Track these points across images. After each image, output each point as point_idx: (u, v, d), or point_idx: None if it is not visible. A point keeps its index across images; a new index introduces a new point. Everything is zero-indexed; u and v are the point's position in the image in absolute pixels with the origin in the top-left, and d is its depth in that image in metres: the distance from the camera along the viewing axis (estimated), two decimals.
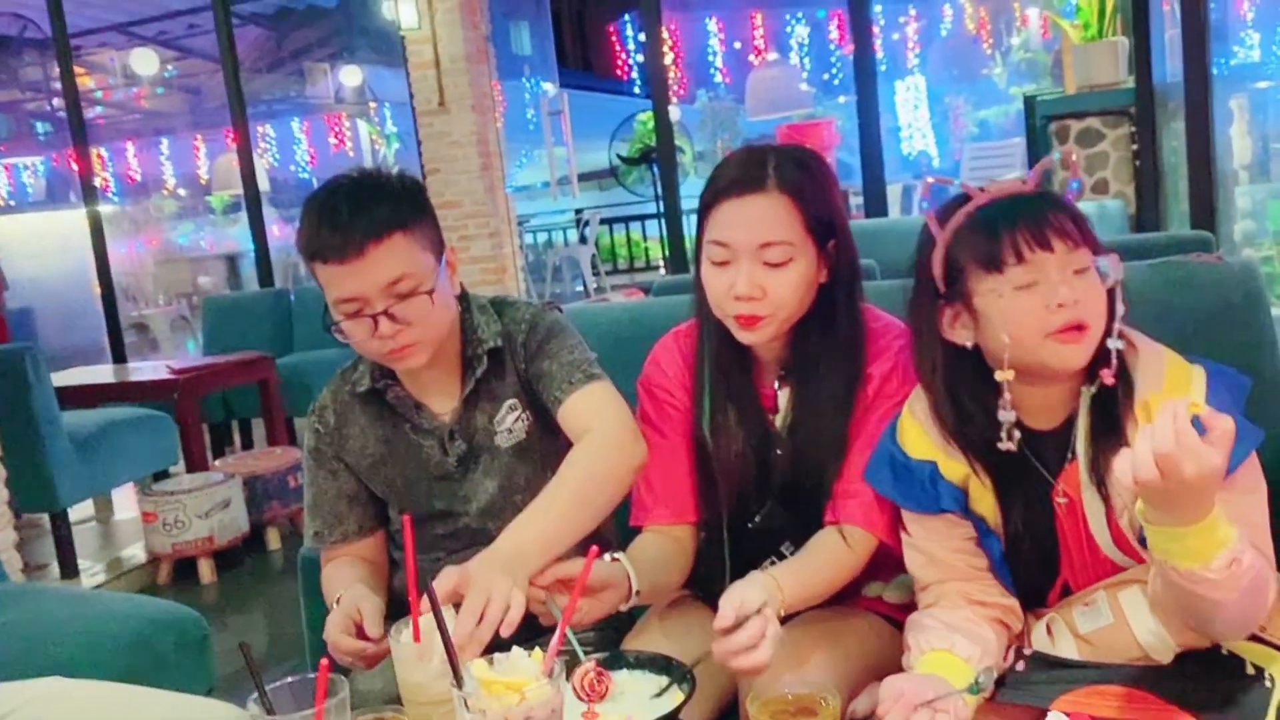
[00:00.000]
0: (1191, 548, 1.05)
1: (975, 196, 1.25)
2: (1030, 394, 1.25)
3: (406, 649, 1.17)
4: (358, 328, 1.45)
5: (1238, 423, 1.15)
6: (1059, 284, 1.18)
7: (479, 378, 1.55)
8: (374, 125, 14.28)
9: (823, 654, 1.37)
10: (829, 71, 12.90)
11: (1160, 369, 1.23)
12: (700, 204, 1.46)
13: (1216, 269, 1.72)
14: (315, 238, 1.43)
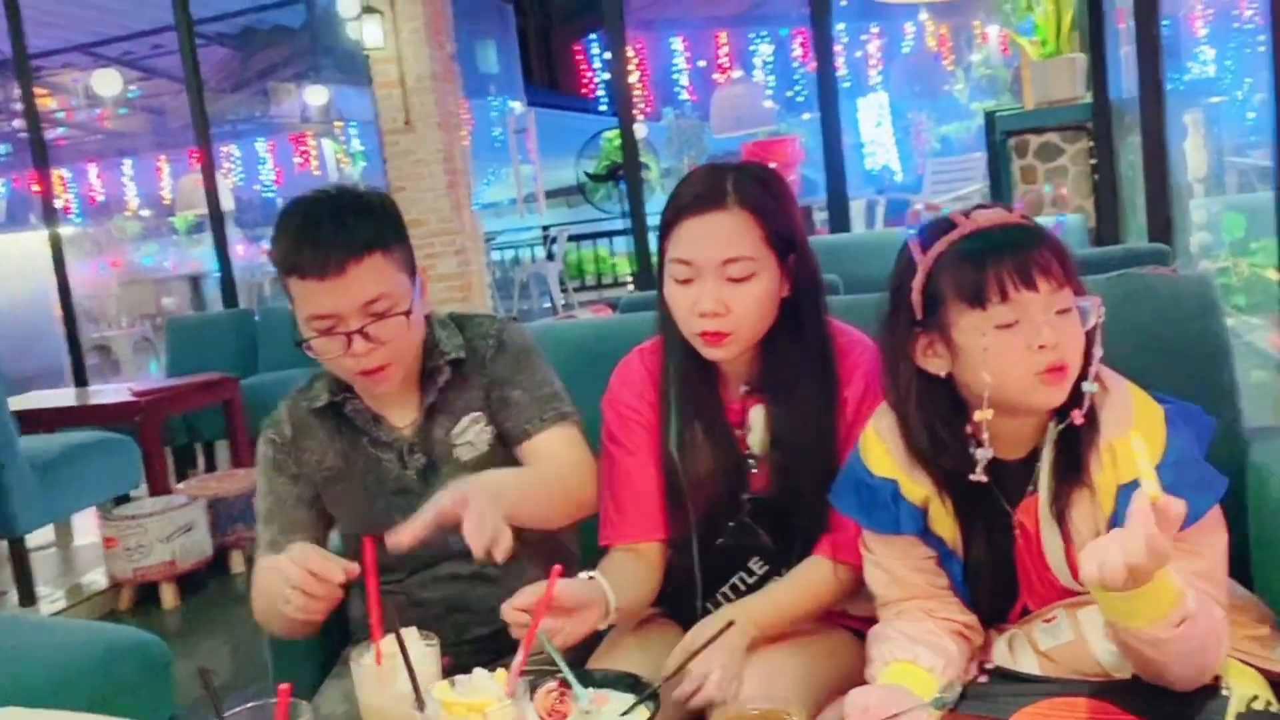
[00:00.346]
0: (1141, 609, 1.07)
1: (961, 224, 1.22)
2: (1000, 424, 1.24)
3: (368, 672, 1.15)
4: (330, 345, 1.44)
5: (1202, 469, 1.19)
6: (1042, 325, 1.16)
7: (440, 389, 1.55)
8: (340, 144, 14.22)
9: (788, 668, 1.37)
10: (793, 89, 13.02)
11: (1128, 411, 1.22)
12: (661, 222, 1.46)
13: (1172, 281, 1.75)
14: (294, 253, 1.41)
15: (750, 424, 1.50)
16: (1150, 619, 1.07)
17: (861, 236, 5.78)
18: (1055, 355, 1.16)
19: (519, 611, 1.23)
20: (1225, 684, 1.19)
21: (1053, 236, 1.21)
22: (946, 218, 1.25)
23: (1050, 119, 4.66)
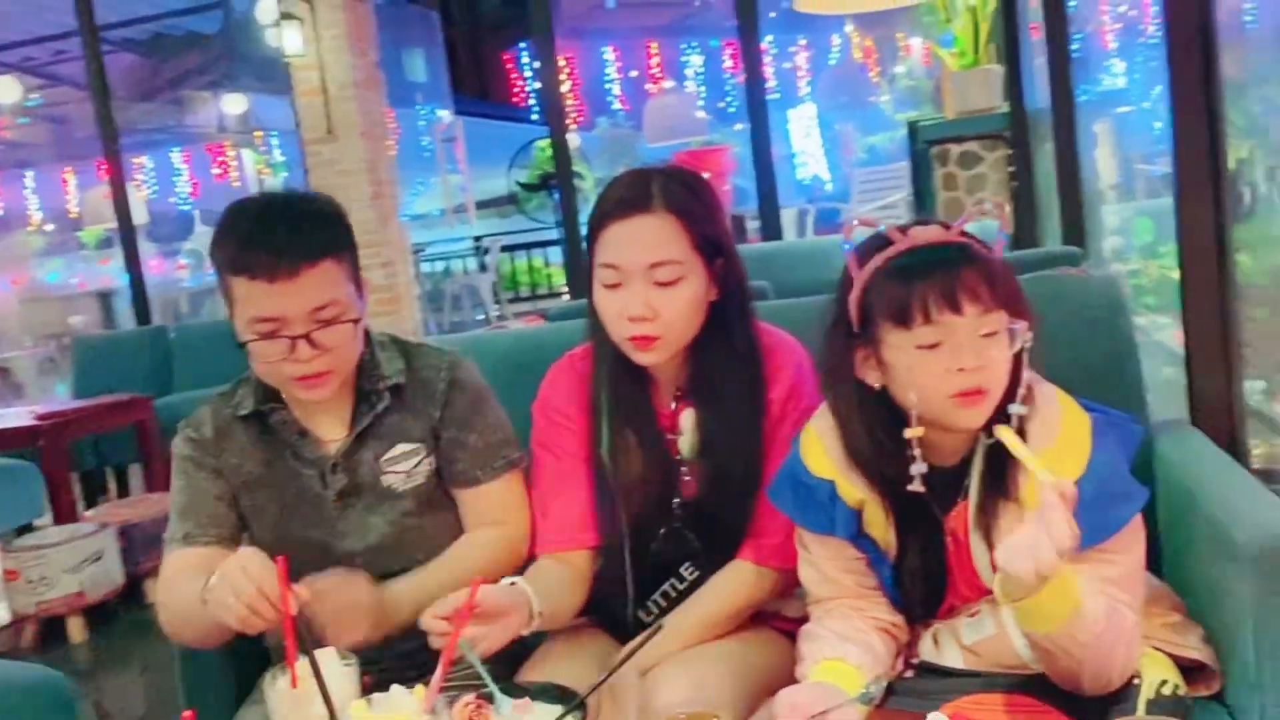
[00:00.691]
0: (1049, 609, 1.10)
1: (896, 241, 1.23)
2: (936, 434, 1.26)
3: (283, 695, 1.13)
4: (271, 349, 1.41)
5: (1124, 481, 1.23)
6: (964, 348, 1.17)
7: (377, 413, 1.52)
8: (260, 154, 13.95)
9: (719, 671, 1.38)
10: (724, 99, 13.14)
11: (1055, 422, 1.24)
12: (588, 227, 1.47)
13: (1082, 282, 1.80)
14: (243, 253, 1.39)
15: (681, 428, 1.51)
16: (1061, 617, 1.10)
17: (793, 244, 5.86)
18: (974, 379, 1.18)
19: (439, 620, 1.22)
20: (1138, 673, 1.23)
21: (988, 258, 1.21)
22: (884, 234, 1.25)
23: (970, 128, 4.76)
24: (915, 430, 1.22)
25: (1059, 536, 1.04)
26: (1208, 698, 1.35)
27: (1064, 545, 1.04)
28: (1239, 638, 1.29)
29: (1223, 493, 1.41)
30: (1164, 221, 4.10)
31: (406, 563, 1.53)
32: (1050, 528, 1.05)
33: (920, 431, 1.23)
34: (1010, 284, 1.23)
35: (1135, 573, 1.25)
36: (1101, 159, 4.39)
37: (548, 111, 5.88)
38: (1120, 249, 4.29)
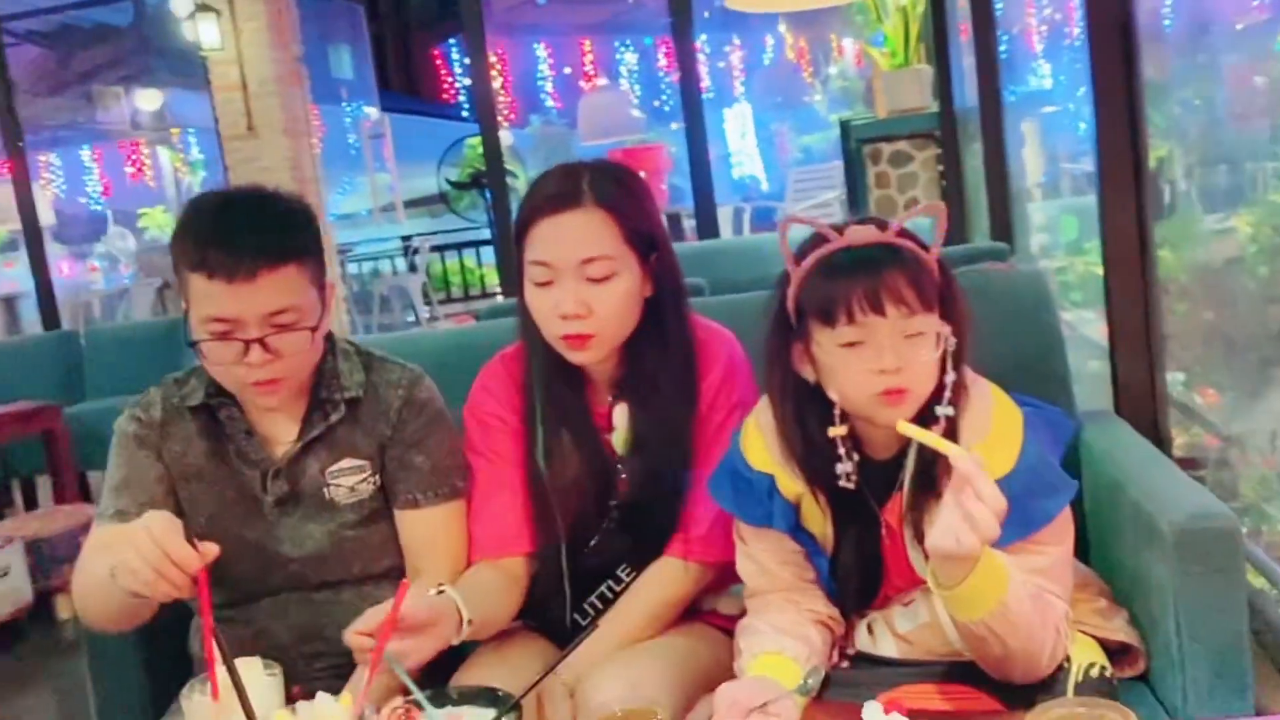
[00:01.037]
0: (980, 593, 1.12)
1: (831, 240, 1.24)
2: (868, 428, 1.28)
3: (202, 708, 1.09)
4: (224, 350, 1.36)
5: (1054, 473, 1.25)
6: (886, 349, 1.18)
7: (329, 424, 1.48)
8: (176, 152, 13.58)
9: (657, 668, 1.37)
10: (659, 98, 13.16)
11: (987, 418, 1.26)
12: (516, 225, 1.44)
13: (1008, 277, 1.84)
14: (204, 249, 1.33)
15: (615, 425, 1.49)
16: (990, 599, 1.12)
17: (729, 242, 5.87)
18: (896, 380, 1.19)
19: (362, 636, 1.18)
20: (1066, 658, 1.26)
21: (916, 259, 1.22)
22: (819, 232, 1.27)
23: (901, 127, 4.83)
24: (839, 429, 1.24)
25: (991, 496, 1.07)
26: (1133, 678, 1.39)
27: (999, 506, 1.07)
28: (1162, 620, 1.33)
29: (1146, 480, 1.44)
30: (1088, 219, 4.19)
31: (343, 573, 1.49)
32: (980, 492, 1.07)
33: (843, 430, 1.24)
34: (943, 284, 1.24)
35: (1063, 563, 1.27)
36: (1028, 157, 4.48)
37: (479, 108, 5.82)
38: (1047, 246, 4.38)
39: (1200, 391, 3.32)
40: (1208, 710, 1.28)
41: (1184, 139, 3.83)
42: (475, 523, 1.51)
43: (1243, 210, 3.68)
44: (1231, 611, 1.28)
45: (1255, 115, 3.79)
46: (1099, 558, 1.55)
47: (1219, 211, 3.82)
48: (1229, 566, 1.28)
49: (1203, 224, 3.80)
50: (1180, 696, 1.31)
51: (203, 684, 1.11)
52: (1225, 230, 3.73)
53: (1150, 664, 1.38)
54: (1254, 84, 3.83)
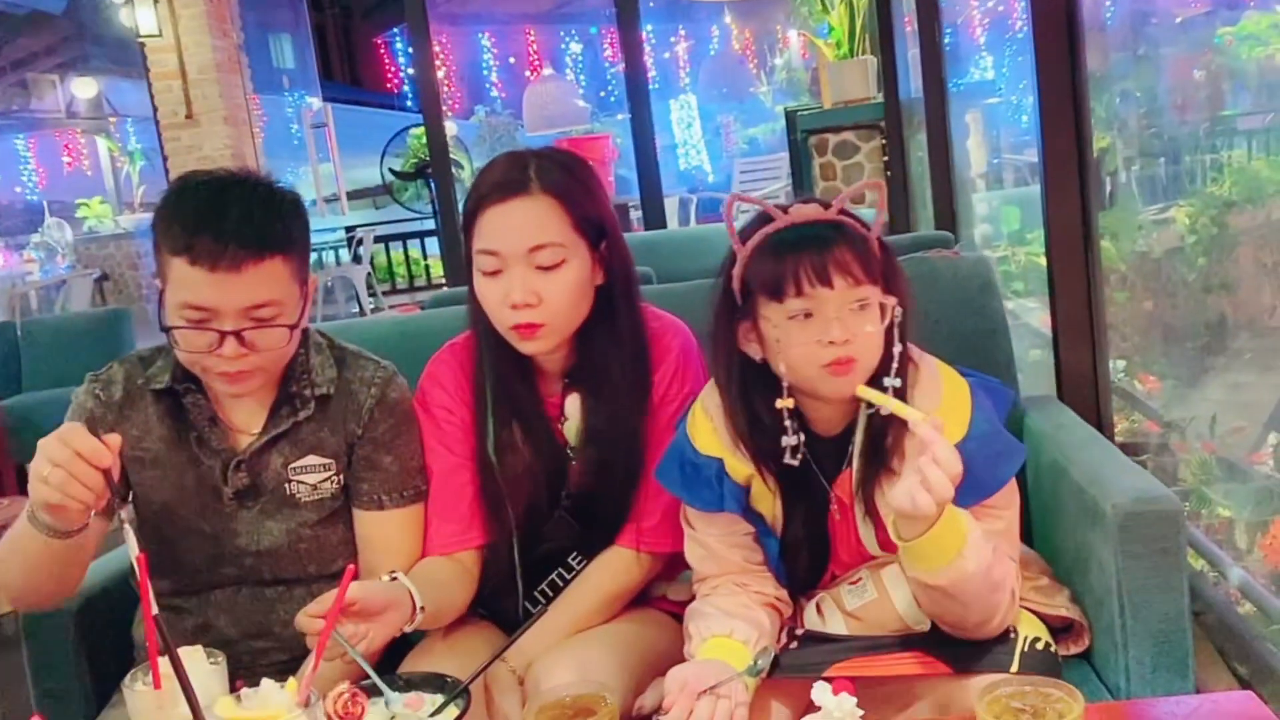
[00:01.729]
0: (942, 544, 1.14)
1: (777, 219, 1.26)
2: (815, 405, 1.29)
3: (144, 698, 1.05)
4: (197, 339, 1.31)
5: (1004, 440, 1.28)
6: (833, 320, 1.21)
7: (297, 420, 1.44)
8: (114, 141, 13.25)
9: (605, 653, 1.36)
10: (605, 89, 13.12)
11: (937, 389, 1.29)
12: (464, 214, 1.42)
13: (954, 264, 1.85)
14: (189, 234, 1.28)
15: (567, 414, 1.48)
16: (951, 553, 1.14)
17: (677, 232, 5.89)
18: (844, 351, 1.21)
19: (313, 618, 1.16)
20: (1013, 628, 1.28)
21: (859, 235, 1.24)
22: (764, 211, 1.28)
23: (846, 118, 4.87)
24: (785, 401, 1.26)
25: (948, 461, 1.09)
26: (1075, 656, 1.41)
27: (955, 470, 1.09)
28: (1105, 601, 1.35)
29: (1090, 463, 1.47)
30: (1030, 209, 4.27)
31: (297, 571, 1.46)
32: (938, 456, 1.09)
33: (790, 403, 1.26)
34: (885, 261, 1.26)
35: (1015, 526, 1.30)
36: (972, 148, 4.54)
37: (423, 98, 5.72)
38: (989, 236, 4.44)
39: (1140, 379, 3.39)
40: (1150, 690, 1.30)
41: (1125, 130, 3.90)
42: (427, 516, 1.48)
43: (1181, 202, 3.76)
44: (1173, 592, 1.30)
45: (1194, 108, 3.87)
46: (1041, 540, 1.58)
47: (1158, 203, 3.90)
48: (1171, 548, 1.31)
49: (1142, 215, 3.87)
50: (1123, 676, 1.33)
51: (145, 673, 1.07)
52: (1164, 221, 3.81)
53: (1093, 644, 1.41)
54: (1193, 77, 3.91)
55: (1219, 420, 2.86)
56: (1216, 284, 3.56)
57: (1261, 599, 2.03)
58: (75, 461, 1.13)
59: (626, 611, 1.49)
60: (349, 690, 0.98)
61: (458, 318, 1.55)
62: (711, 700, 1.14)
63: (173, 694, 1.03)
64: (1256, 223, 3.55)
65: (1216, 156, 3.86)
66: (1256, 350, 3.39)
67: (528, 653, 1.37)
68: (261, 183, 1.38)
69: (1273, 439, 2.71)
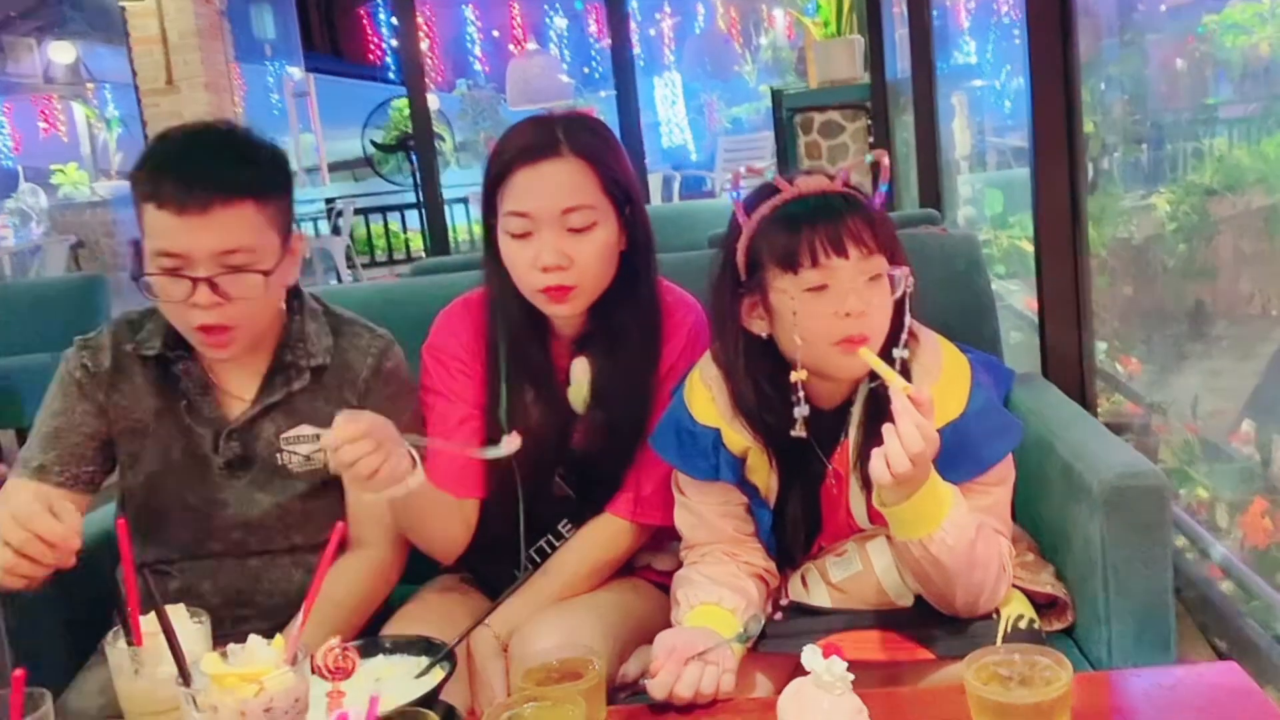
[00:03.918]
0: (924, 512, 1.15)
1: (784, 190, 1.24)
2: (814, 381, 1.28)
3: (125, 655, 1.04)
4: (173, 287, 1.29)
5: (1001, 417, 1.28)
6: (849, 292, 1.20)
7: (291, 390, 1.41)
8: (91, 107, 13.05)
9: (592, 620, 1.36)
10: (589, 65, 13.04)
11: (938, 364, 1.29)
12: (488, 178, 1.40)
13: (942, 240, 1.85)
14: (156, 178, 1.27)
15: (572, 379, 1.47)
16: (934, 521, 1.14)
17: (661, 208, 5.86)
18: (858, 326, 1.20)
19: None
20: (995, 610, 1.28)
21: (868, 206, 1.24)
22: (770, 183, 1.27)
23: (832, 98, 4.86)
24: (800, 374, 1.24)
25: (909, 438, 1.09)
26: (1058, 632, 1.41)
27: (913, 447, 1.08)
28: (1089, 576, 1.35)
29: (1076, 439, 1.47)
30: (1012, 193, 4.28)
31: (284, 542, 1.44)
32: (900, 430, 1.09)
33: (804, 375, 1.24)
34: (890, 231, 1.26)
35: (1005, 503, 1.31)
36: (957, 130, 4.54)
37: (406, 71, 5.68)
38: (972, 219, 4.46)
39: (1121, 361, 3.41)
40: (1132, 664, 1.31)
41: (1108, 116, 3.91)
42: (432, 461, 1.47)
43: (1163, 189, 3.78)
44: (1157, 567, 1.31)
45: (1177, 96, 3.89)
46: (1026, 515, 1.58)
47: (1140, 189, 3.92)
48: (1156, 523, 1.31)
49: (1124, 201, 3.89)
50: (1105, 650, 1.33)
51: (127, 631, 1.06)
52: (1146, 208, 3.83)
53: (1076, 619, 1.42)
54: (1177, 65, 3.92)
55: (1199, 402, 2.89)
56: (1196, 271, 3.59)
57: (1243, 576, 2.06)
58: (31, 544, 1.10)
59: (612, 580, 1.48)
60: (339, 645, 0.97)
61: (443, 285, 1.53)
62: (699, 666, 1.14)
63: (155, 651, 1.01)
64: (1236, 211, 3.57)
65: (1198, 144, 3.89)
66: (1234, 338, 3.42)
67: (512, 619, 1.36)
68: (238, 130, 1.36)
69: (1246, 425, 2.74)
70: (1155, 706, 1.07)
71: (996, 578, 1.24)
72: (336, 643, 0.97)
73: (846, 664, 0.96)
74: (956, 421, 1.25)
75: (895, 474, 1.10)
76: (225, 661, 0.90)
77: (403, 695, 1.02)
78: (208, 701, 0.88)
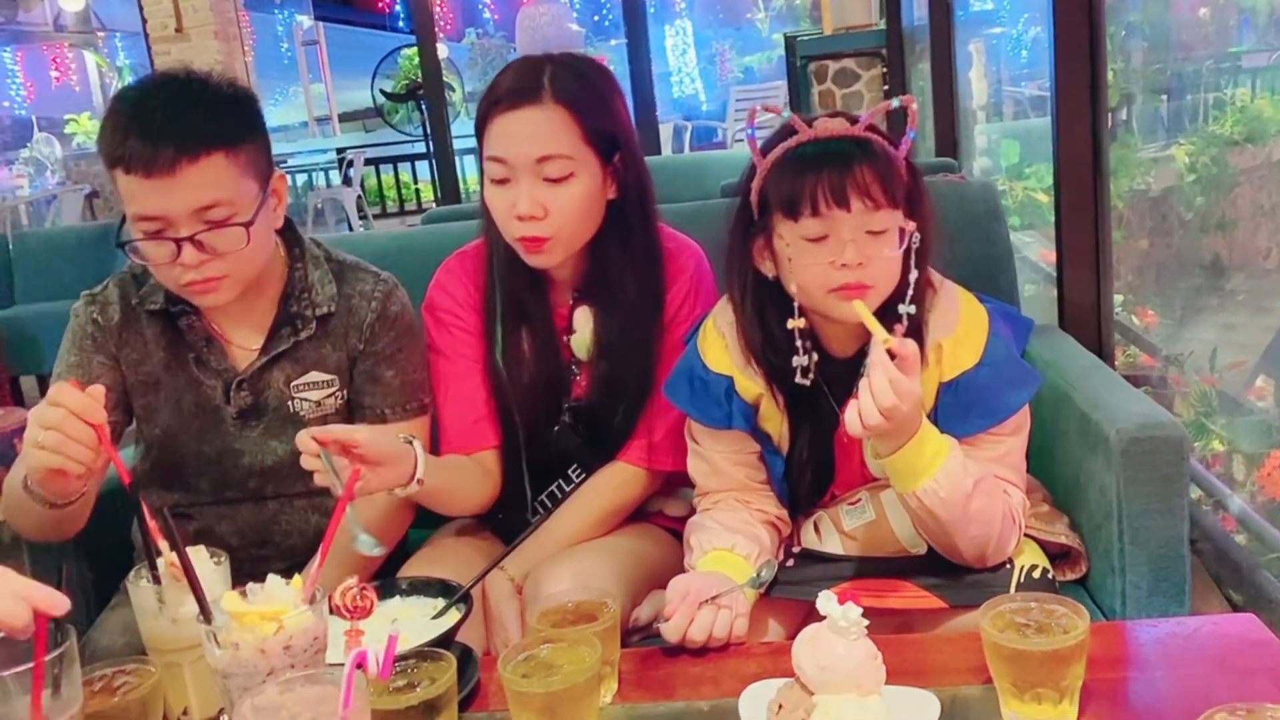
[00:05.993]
0: (915, 465, 1.15)
1: (801, 132, 1.21)
2: (828, 325, 1.27)
3: (147, 594, 1.05)
4: (158, 250, 1.27)
5: (1018, 368, 1.27)
6: (848, 243, 1.17)
7: (298, 339, 1.41)
8: (102, 56, 12.95)
9: (604, 563, 1.37)
10: (599, 13, 12.85)
11: (955, 313, 1.27)
12: (476, 118, 1.39)
13: (961, 188, 1.83)
14: (119, 143, 1.24)
15: (576, 327, 1.46)
16: (926, 473, 1.14)
17: (671, 159, 5.84)
18: (856, 275, 1.18)
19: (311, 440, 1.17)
20: (1009, 560, 1.27)
21: (888, 154, 1.19)
22: (788, 124, 1.23)
23: (847, 45, 4.78)
24: (797, 321, 1.23)
25: (880, 391, 1.08)
26: (1072, 582, 1.42)
27: (884, 401, 1.08)
28: (1104, 526, 1.35)
29: (1093, 390, 1.46)
30: (1029, 143, 4.22)
31: (301, 487, 1.43)
32: (873, 383, 1.09)
33: (801, 323, 1.23)
34: (910, 183, 1.22)
35: (1018, 452, 1.29)
36: (974, 79, 4.47)
37: (416, 19, 5.57)
38: (988, 170, 4.40)
39: (1138, 313, 3.39)
40: (1146, 614, 1.31)
41: (1127, 64, 3.84)
42: (442, 420, 1.48)
43: (1182, 140, 3.73)
44: (1174, 517, 1.31)
45: (1200, 43, 3.82)
46: (1040, 466, 1.57)
47: (1158, 140, 3.86)
48: (1174, 474, 1.30)
49: (1141, 152, 3.84)
50: (1119, 600, 1.33)
51: (149, 570, 1.06)
52: (1164, 159, 3.77)
53: (1090, 569, 1.42)
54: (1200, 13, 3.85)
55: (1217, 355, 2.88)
56: (1214, 224, 3.55)
57: (1260, 528, 2.05)
58: (69, 420, 1.10)
59: (624, 526, 1.49)
60: (358, 585, 0.98)
61: (453, 234, 1.52)
62: (712, 610, 1.14)
63: (177, 590, 1.02)
64: (1256, 162, 3.52)
65: (1220, 94, 3.82)
66: (1250, 291, 3.39)
67: (526, 562, 1.37)
68: (196, 79, 1.32)
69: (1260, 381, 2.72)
70: (1172, 656, 1.07)
71: (1003, 532, 1.23)
72: (354, 582, 0.98)
73: (861, 610, 0.96)
74: (972, 371, 1.24)
75: (867, 426, 1.10)
76: (245, 600, 0.91)
77: (419, 636, 1.03)
78: (229, 639, 0.89)
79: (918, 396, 1.11)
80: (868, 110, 1.26)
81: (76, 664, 0.91)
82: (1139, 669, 1.06)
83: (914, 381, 1.10)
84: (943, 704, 0.97)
